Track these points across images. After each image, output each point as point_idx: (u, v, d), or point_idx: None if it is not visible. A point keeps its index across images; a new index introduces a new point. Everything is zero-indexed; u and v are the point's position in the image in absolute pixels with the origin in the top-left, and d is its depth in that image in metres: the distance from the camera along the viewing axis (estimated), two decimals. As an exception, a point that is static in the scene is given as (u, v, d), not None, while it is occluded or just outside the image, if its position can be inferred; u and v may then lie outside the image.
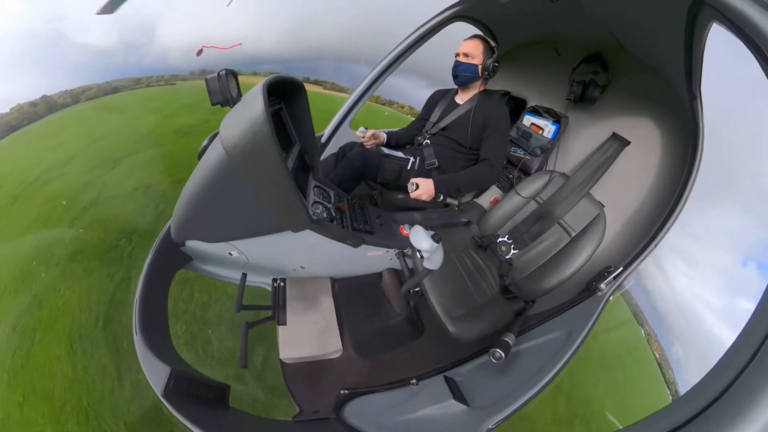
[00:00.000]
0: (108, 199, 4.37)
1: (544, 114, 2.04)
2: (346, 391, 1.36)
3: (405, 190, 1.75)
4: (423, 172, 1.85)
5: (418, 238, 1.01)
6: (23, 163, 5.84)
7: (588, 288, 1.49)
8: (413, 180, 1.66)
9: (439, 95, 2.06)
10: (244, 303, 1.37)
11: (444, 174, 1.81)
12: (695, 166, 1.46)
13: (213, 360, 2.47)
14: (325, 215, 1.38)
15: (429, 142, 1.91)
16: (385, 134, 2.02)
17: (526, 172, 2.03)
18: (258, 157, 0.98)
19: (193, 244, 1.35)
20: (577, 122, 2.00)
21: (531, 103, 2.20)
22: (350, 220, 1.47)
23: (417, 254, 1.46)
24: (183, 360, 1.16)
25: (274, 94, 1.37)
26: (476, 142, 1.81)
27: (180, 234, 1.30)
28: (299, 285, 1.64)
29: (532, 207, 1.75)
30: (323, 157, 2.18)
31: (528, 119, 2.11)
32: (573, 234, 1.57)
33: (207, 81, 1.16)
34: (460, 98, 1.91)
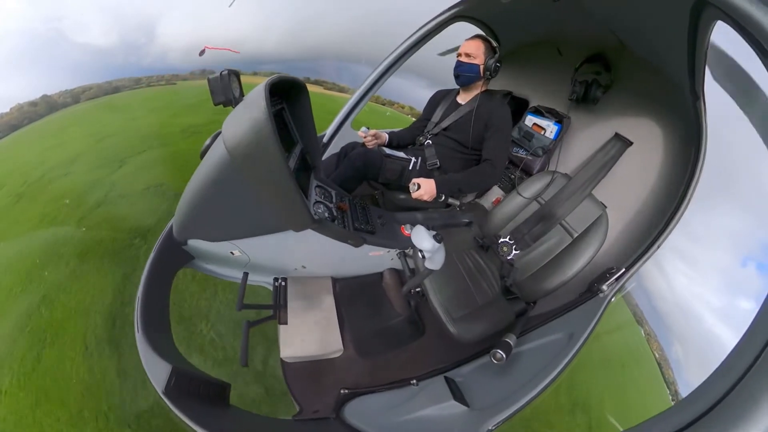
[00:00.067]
0: (118, 198, 4.30)
1: (546, 114, 2.03)
2: (347, 391, 1.36)
3: (406, 191, 1.75)
4: (425, 173, 1.84)
5: (420, 238, 1.01)
6: (26, 162, 5.77)
7: (590, 289, 1.48)
8: (415, 180, 1.66)
9: (441, 95, 2.05)
10: (246, 302, 1.38)
11: (446, 174, 1.81)
12: (698, 167, 1.44)
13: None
14: (327, 215, 1.38)
15: (431, 143, 1.91)
16: (387, 134, 2.02)
17: (528, 173, 2.03)
18: (260, 157, 0.98)
19: (195, 243, 1.36)
20: (580, 122, 1.99)
21: (533, 104, 2.20)
22: (352, 220, 1.47)
23: (418, 254, 1.47)
24: (184, 358, 1.16)
25: (276, 94, 1.37)
26: (478, 143, 1.81)
27: (182, 233, 1.31)
28: (300, 284, 1.64)
29: (534, 207, 1.74)
30: (325, 157, 2.18)
31: (530, 119, 2.11)
32: (575, 235, 1.56)
33: (209, 81, 1.16)
34: (462, 98, 1.91)
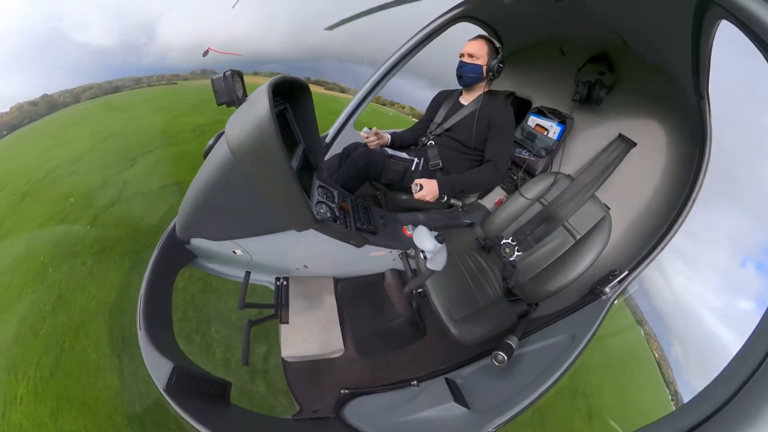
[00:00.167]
0: (132, 197, 4.17)
1: (549, 115, 2.02)
2: (347, 391, 1.36)
3: (409, 191, 1.74)
4: (427, 173, 1.84)
5: (422, 239, 1.00)
6: (28, 161, 5.65)
7: (592, 291, 1.47)
8: (417, 181, 1.66)
9: (444, 96, 2.05)
10: (248, 301, 1.38)
11: (448, 175, 1.81)
12: (702, 168, 1.43)
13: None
14: (329, 215, 1.38)
15: (433, 143, 1.91)
16: (390, 135, 2.02)
17: (531, 174, 2.02)
18: (263, 157, 0.99)
19: (198, 242, 1.36)
20: (583, 123, 1.98)
21: (536, 104, 2.19)
22: (354, 220, 1.47)
23: (420, 255, 1.46)
24: (185, 356, 1.17)
25: (279, 95, 1.38)
26: (481, 143, 1.81)
27: (185, 232, 1.31)
28: (302, 284, 1.65)
29: (537, 209, 1.73)
30: (327, 158, 2.19)
31: (533, 120, 2.10)
32: (578, 236, 1.55)
33: (213, 81, 1.18)
34: (465, 99, 1.91)
